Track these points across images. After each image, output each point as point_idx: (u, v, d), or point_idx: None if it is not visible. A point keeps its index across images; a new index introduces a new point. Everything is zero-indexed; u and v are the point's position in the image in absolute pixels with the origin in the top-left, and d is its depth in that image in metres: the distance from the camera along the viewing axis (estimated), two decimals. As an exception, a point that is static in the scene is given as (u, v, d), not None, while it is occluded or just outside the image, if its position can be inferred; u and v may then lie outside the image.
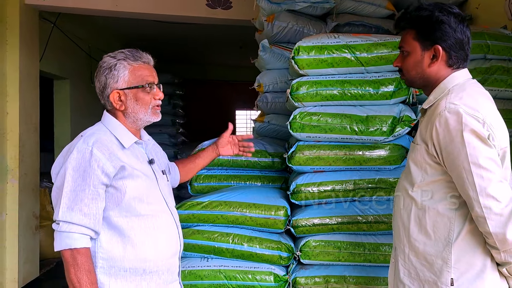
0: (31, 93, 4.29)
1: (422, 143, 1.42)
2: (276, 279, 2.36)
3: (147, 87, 1.57)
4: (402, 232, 1.51)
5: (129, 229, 1.51)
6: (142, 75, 1.57)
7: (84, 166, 1.45)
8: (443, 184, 1.40)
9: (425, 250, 1.43)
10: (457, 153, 1.31)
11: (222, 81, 9.58)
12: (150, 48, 6.53)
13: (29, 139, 4.25)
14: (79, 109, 5.55)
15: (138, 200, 1.53)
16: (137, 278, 1.53)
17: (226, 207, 2.43)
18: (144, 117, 1.60)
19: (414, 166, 1.45)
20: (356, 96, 2.36)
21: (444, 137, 1.33)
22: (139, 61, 1.58)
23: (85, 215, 1.43)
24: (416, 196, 1.45)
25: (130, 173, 1.52)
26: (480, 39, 2.34)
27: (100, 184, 1.46)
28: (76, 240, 1.43)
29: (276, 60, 3.13)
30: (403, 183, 1.52)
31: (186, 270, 2.39)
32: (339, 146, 2.40)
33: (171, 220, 1.65)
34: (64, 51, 5.23)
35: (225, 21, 4.51)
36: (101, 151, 1.47)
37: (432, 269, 1.42)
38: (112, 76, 1.55)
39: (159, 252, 1.57)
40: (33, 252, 4.38)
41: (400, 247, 1.53)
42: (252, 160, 2.77)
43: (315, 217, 2.38)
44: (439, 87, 1.46)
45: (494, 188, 1.29)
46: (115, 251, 1.50)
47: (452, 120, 1.31)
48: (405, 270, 1.50)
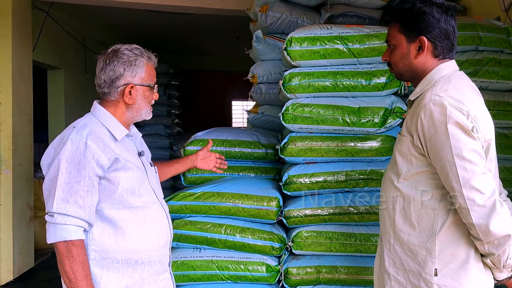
0: (24, 83, 4.27)
1: (408, 135, 1.43)
2: (268, 270, 2.38)
3: (154, 87, 1.68)
4: (388, 223, 1.53)
5: (121, 221, 1.53)
6: (152, 75, 1.66)
7: (79, 158, 1.45)
8: (428, 176, 1.41)
9: (410, 241, 1.45)
10: (441, 145, 1.31)
11: (219, 71, 9.53)
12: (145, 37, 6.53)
13: (22, 129, 4.24)
14: (73, 99, 5.52)
15: (131, 192, 1.54)
16: (130, 269, 1.54)
17: (218, 198, 2.44)
18: (145, 113, 1.67)
19: (400, 157, 1.46)
20: (348, 87, 2.36)
21: (429, 129, 1.34)
22: (151, 61, 1.67)
23: (81, 207, 1.44)
24: (402, 187, 1.46)
25: (123, 165, 1.53)
26: (473, 31, 2.33)
27: (95, 176, 1.47)
28: (71, 232, 1.43)
29: (270, 51, 3.12)
30: (389, 174, 1.54)
31: (178, 261, 2.40)
32: (331, 137, 2.40)
33: (162, 211, 1.67)
34: (58, 41, 5.19)
35: (219, 11, 4.49)
36: (95, 142, 1.48)
37: (416, 260, 1.43)
38: (131, 70, 1.60)
39: (151, 243, 1.59)
40: (28, 242, 4.39)
41: (385, 237, 1.54)
42: (245, 151, 2.77)
43: (307, 208, 2.40)
44: (426, 78, 1.46)
45: (477, 180, 1.29)
46: (108, 243, 1.51)
47: (436, 112, 1.32)
48: (390, 260, 1.52)
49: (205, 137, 2.78)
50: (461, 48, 2.34)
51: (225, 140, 2.76)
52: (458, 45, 2.31)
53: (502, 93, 2.36)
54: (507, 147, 2.32)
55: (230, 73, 9.32)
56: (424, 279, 1.41)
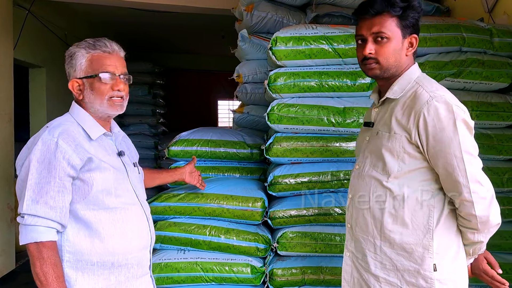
0: (5, 82, 4.17)
1: (403, 132, 1.41)
2: (253, 271, 2.36)
3: (105, 76, 1.51)
4: (371, 224, 1.49)
5: (96, 222, 1.48)
6: (99, 64, 1.51)
7: (49, 158, 1.41)
8: (421, 172, 1.41)
9: (403, 240, 1.43)
10: (449, 141, 1.33)
11: (204, 70, 9.47)
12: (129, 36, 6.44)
13: (3, 129, 4.15)
14: (55, 97, 5.43)
15: (106, 193, 1.50)
16: (105, 271, 1.50)
17: (203, 199, 2.41)
18: (100, 108, 1.54)
19: (390, 155, 1.43)
20: (334, 87, 2.35)
21: (434, 125, 1.34)
22: (99, 50, 1.52)
23: (51, 208, 1.40)
24: (392, 186, 1.44)
25: (97, 165, 1.48)
26: (456, 32, 2.35)
27: (66, 176, 1.43)
28: (42, 234, 1.40)
29: (256, 50, 3.11)
30: (371, 173, 1.50)
31: (162, 263, 2.37)
32: (316, 137, 2.40)
33: (141, 213, 1.62)
34: (39, 38, 5.09)
35: (204, 10, 4.46)
36: (67, 142, 1.44)
37: (412, 258, 1.42)
38: (71, 65, 1.53)
39: (128, 245, 1.54)
40: (9, 244, 4.30)
41: (367, 240, 1.51)
42: (230, 151, 2.75)
43: (292, 208, 2.39)
44: (403, 78, 1.47)
45: (480, 174, 1.36)
46: (82, 245, 1.47)
47: (442, 110, 1.34)
48: (377, 262, 1.49)
49: (190, 137, 2.75)
50: (445, 49, 2.35)
51: (210, 140, 2.74)
52: (442, 46, 2.34)
53: (485, 94, 2.38)
54: (490, 148, 2.33)
55: (216, 72, 9.27)
56: (423, 276, 1.41)
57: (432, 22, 2.38)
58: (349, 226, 1.60)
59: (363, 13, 1.44)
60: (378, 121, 1.53)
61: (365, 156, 1.55)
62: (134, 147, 1.85)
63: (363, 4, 1.45)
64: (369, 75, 1.50)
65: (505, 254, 2.36)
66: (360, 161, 1.58)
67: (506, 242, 2.33)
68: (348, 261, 1.60)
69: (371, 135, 1.55)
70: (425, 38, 2.32)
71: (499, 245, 2.34)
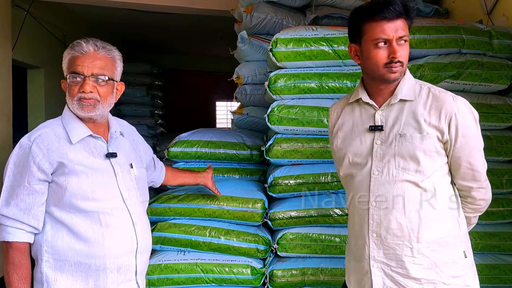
0: (3, 82, 4.16)
1: (435, 131, 1.45)
2: (253, 272, 2.36)
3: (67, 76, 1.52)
4: (407, 228, 1.47)
5: (73, 224, 1.49)
6: (72, 64, 1.51)
7: (23, 162, 1.46)
8: (443, 168, 1.51)
9: (438, 235, 1.48)
10: (473, 136, 1.47)
11: (203, 71, 9.46)
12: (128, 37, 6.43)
13: (1, 129, 4.14)
14: (53, 98, 5.40)
15: (81, 196, 1.48)
16: (83, 274, 1.50)
17: (203, 200, 2.41)
18: (73, 109, 1.53)
19: (424, 156, 1.45)
20: (334, 89, 2.36)
21: (463, 123, 1.45)
22: (74, 50, 1.51)
23: (21, 210, 1.45)
24: (427, 186, 1.47)
25: (71, 169, 1.48)
26: (455, 34, 2.35)
27: (37, 180, 1.46)
28: (10, 234, 1.44)
29: (255, 51, 3.11)
30: (402, 177, 1.47)
31: (162, 264, 2.37)
32: (316, 139, 2.40)
33: (127, 217, 1.56)
34: (38, 39, 5.08)
35: (203, 11, 4.46)
36: (39, 147, 1.46)
37: (446, 251, 1.48)
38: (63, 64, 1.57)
39: (106, 250, 1.50)
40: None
41: (403, 245, 1.47)
42: (230, 152, 2.75)
43: (292, 209, 2.39)
44: (408, 80, 1.51)
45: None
46: (59, 245, 1.48)
47: (467, 108, 1.47)
48: (416, 265, 1.47)
49: (190, 138, 2.75)
50: (444, 51, 2.36)
51: (210, 142, 2.74)
52: (441, 47, 2.34)
53: (485, 96, 2.39)
54: (490, 149, 2.34)
55: (214, 73, 9.27)
56: (460, 265, 1.48)
57: (432, 24, 2.39)
58: (375, 235, 1.51)
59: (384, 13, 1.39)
60: (393, 124, 1.50)
61: (385, 160, 1.50)
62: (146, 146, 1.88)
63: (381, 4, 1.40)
64: (392, 78, 1.45)
65: (505, 256, 2.36)
66: (379, 166, 1.51)
67: (505, 244, 2.34)
68: (378, 273, 1.52)
69: (383, 138, 1.51)
70: (424, 40, 2.33)
71: (498, 247, 2.35)
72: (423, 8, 3.22)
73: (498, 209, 2.32)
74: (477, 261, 2.29)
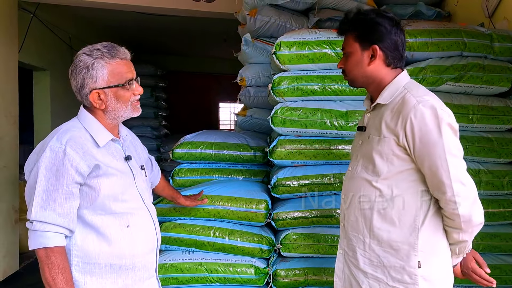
0: (10, 84, 4.21)
1: (391, 135, 1.48)
2: (256, 272, 2.39)
3: (126, 84, 1.53)
4: (361, 223, 1.57)
5: (104, 227, 1.51)
6: (121, 72, 1.52)
7: (57, 166, 1.43)
8: (409, 174, 1.48)
9: (390, 238, 1.50)
10: (434, 143, 1.40)
11: (206, 73, 9.51)
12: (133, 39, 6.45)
13: (8, 131, 4.18)
14: (59, 100, 5.46)
15: (113, 198, 1.52)
16: (113, 275, 1.53)
17: (208, 201, 2.44)
18: (125, 113, 1.57)
19: (379, 157, 1.51)
20: (336, 91, 2.39)
21: (420, 128, 1.41)
22: (117, 58, 1.53)
23: (59, 215, 1.43)
24: (381, 187, 1.51)
25: (104, 171, 1.50)
26: (457, 37, 2.38)
27: (74, 183, 1.45)
28: (50, 239, 1.42)
29: (259, 54, 3.14)
30: (362, 175, 1.58)
31: (167, 263, 2.40)
32: (319, 140, 2.43)
33: (148, 217, 1.64)
34: (44, 41, 5.13)
35: (208, 14, 4.49)
36: (74, 149, 1.45)
37: (398, 255, 1.50)
38: (90, 76, 1.50)
39: (135, 249, 1.56)
40: (13, 245, 4.33)
41: (358, 237, 1.58)
42: (234, 154, 2.79)
43: (296, 210, 2.42)
44: (393, 84, 1.54)
45: (464, 175, 1.42)
46: (90, 249, 1.49)
47: (428, 114, 1.40)
48: (366, 259, 1.56)
49: (194, 140, 2.79)
50: (446, 54, 2.38)
51: (214, 143, 2.77)
52: (443, 50, 2.37)
53: (486, 98, 2.41)
54: (491, 151, 2.36)
55: (218, 75, 9.31)
56: (408, 272, 1.48)
57: (434, 27, 2.42)
58: (342, 225, 1.69)
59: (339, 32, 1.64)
60: (370, 126, 1.61)
61: (357, 159, 1.63)
62: (142, 146, 1.88)
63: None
64: (349, 84, 1.66)
65: (506, 256, 2.38)
66: (353, 164, 1.66)
67: (506, 244, 2.36)
68: (341, 258, 1.68)
69: (363, 139, 1.63)
70: (426, 43, 2.36)
71: (499, 247, 2.37)
72: (426, 11, 3.25)
73: (499, 210, 2.35)
74: (478, 262, 2.33)
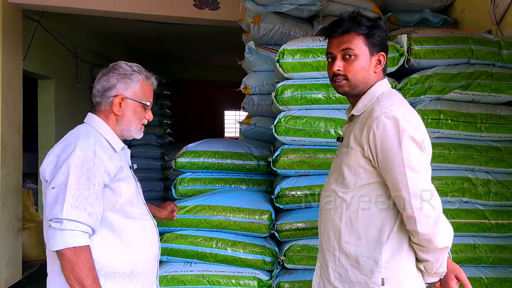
0: (14, 93, 4.22)
1: (357, 147, 1.44)
2: (260, 284, 2.35)
3: (148, 105, 1.66)
4: (332, 236, 1.52)
5: (120, 230, 1.54)
6: (147, 94, 1.66)
7: (88, 165, 1.46)
8: (376, 187, 1.44)
9: (357, 252, 1.45)
10: (394, 156, 1.35)
11: (211, 81, 9.51)
12: (137, 47, 6.47)
13: (12, 140, 4.18)
14: (63, 108, 5.46)
15: (130, 202, 1.57)
16: (125, 279, 1.55)
17: (210, 211, 2.41)
18: (134, 129, 1.65)
19: (347, 170, 1.46)
20: (341, 99, 2.35)
21: (382, 140, 1.37)
22: (149, 81, 1.68)
23: (89, 214, 1.44)
24: (348, 199, 1.47)
25: (124, 175, 1.56)
26: (464, 44, 2.33)
27: (103, 184, 1.49)
28: (80, 238, 1.43)
29: (263, 62, 3.12)
30: (333, 186, 1.53)
31: (169, 275, 2.36)
32: (323, 150, 2.39)
33: (153, 224, 1.70)
34: (49, 50, 5.14)
35: (212, 21, 4.48)
36: (103, 150, 1.51)
37: (363, 270, 1.44)
38: (125, 82, 1.60)
39: (145, 254, 1.62)
40: (16, 254, 4.31)
41: (330, 250, 1.53)
42: (237, 163, 2.75)
43: (300, 221, 2.37)
44: (367, 95, 1.50)
45: (425, 190, 1.35)
46: (106, 253, 1.51)
47: (390, 125, 1.36)
48: (336, 273, 1.51)
49: (197, 149, 2.76)
50: (453, 61, 2.34)
51: (217, 152, 2.74)
52: (450, 58, 2.33)
53: (494, 106, 2.36)
54: (500, 160, 2.31)
55: (223, 82, 9.30)
56: None
57: (440, 35, 2.37)
58: (320, 238, 1.63)
59: (332, 31, 1.50)
60: (345, 137, 1.56)
61: (332, 171, 1.60)
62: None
63: (332, 23, 1.51)
64: (339, 92, 1.53)
65: (516, 269, 2.32)
66: (329, 176, 1.62)
67: (517, 257, 2.30)
68: (318, 271, 1.63)
69: (339, 150, 1.59)
70: (433, 50, 2.32)
71: (509, 260, 2.30)
72: (432, 18, 3.21)
73: (509, 221, 2.28)
74: (488, 275, 2.27)
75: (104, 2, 4.24)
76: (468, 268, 2.27)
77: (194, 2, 4.35)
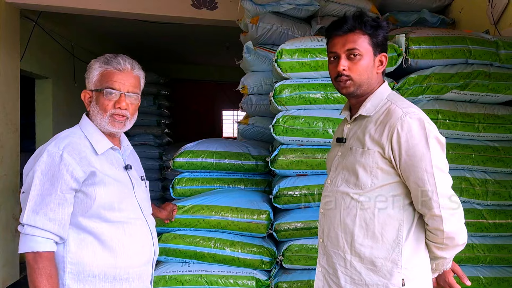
0: (12, 93, 4.20)
1: (376, 147, 1.42)
2: (258, 284, 2.34)
3: (112, 92, 1.53)
4: (342, 239, 1.49)
5: (99, 234, 1.49)
6: (107, 79, 1.53)
7: (53, 171, 1.43)
8: (393, 187, 1.43)
9: (372, 254, 1.44)
10: (421, 156, 1.36)
11: (209, 81, 9.50)
12: (135, 46, 6.46)
13: (9, 139, 4.16)
14: (61, 108, 5.44)
15: (109, 207, 1.50)
16: (107, 284, 1.50)
17: (208, 211, 2.40)
18: (102, 122, 1.55)
19: (363, 170, 1.44)
20: (339, 99, 2.35)
21: (407, 140, 1.36)
22: (111, 66, 1.54)
23: (50, 220, 1.42)
24: (364, 201, 1.44)
25: (101, 179, 1.49)
26: (462, 44, 2.34)
27: (69, 189, 1.44)
28: (39, 244, 1.41)
29: (261, 62, 3.11)
30: (342, 188, 1.50)
31: (166, 275, 2.35)
32: (321, 149, 2.39)
33: (146, 228, 1.62)
34: (46, 50, 5.13)
35: (210, 21, 4.47)
36: (71, 155, 1.45)
37: (380, 272, 1.42)
38: (87, 76, 1.58)
39: (130, 259, 1.54)
40: (13, 254, 4.29)
41: (338, 254, 1.50)
42: (235, 163, 2.75)
43: (298, 221, 2.37)
44: (375, 95, 1.49)
45: (450, 190, 1.39)
46: (84, 256, 1.47)
47: (415, 126, 1.37)
48: (347, 277, 1.48)
49: (195, 149, 2.75)
50: (451, 61, 2.34)
51: (215, 152, 2.74)
52: (448, 58, 2.33)
53: (492, 106, 2.37)
54: (498, 160, 2.31)
55: (221, 82, 9.30)
56: None
57: (438, 34, 2.38)
58: (321, 241, 1.59)
59: (336, 30, 1.47)
60: (351, 137, 1.54)
61: (337, 172, 1.55)
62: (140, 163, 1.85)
63: (336, 22, 1.49)
64: (343, 92, 1.51)
65: (514, 268, 2.33)
66: (332, 176, 1.58)
67: (514, 256, 2.30)
68: (320, 277, 1.59)
69: (343, 151, 1.56)
70: (431, 50, 2.32)
71: (507, 259, 2.31)
72: (430, 18, 3.22)
73: (507, 221, 2.29)
74: (486, 274, 2.27)
75: (102, 1, 4.23)
76: (466, 268, 2.28)
77: (192, 2, 4.34)
